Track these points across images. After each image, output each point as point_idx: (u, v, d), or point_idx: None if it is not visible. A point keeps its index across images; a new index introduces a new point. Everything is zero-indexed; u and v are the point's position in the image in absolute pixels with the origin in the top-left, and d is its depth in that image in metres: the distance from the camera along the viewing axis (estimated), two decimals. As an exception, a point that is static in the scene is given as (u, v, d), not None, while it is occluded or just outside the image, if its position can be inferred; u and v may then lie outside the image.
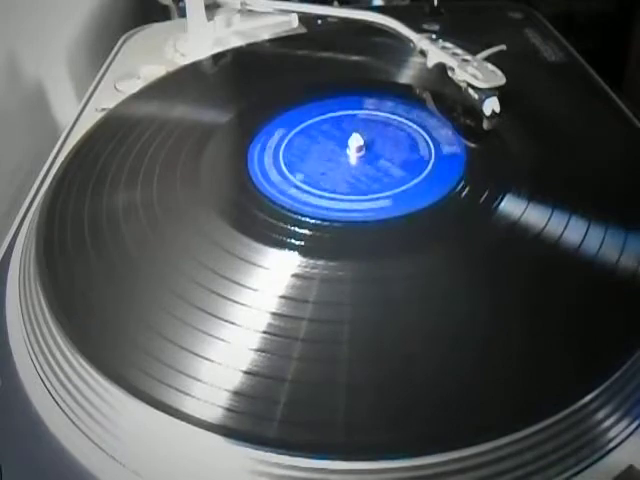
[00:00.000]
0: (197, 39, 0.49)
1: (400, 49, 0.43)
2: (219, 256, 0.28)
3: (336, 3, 0.59)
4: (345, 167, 0.34)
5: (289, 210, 0.31)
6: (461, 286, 0.27)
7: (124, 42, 0.52)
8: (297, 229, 0.30)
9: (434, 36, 0.41)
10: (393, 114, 0.37)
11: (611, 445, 0.23)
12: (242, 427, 0.22)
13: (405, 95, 0.39)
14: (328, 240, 0.29)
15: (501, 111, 0.36)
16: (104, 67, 0.49)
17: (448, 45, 0.40)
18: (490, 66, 0.38)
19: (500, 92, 0.36)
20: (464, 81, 0.38)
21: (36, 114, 0.49)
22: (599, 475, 0.22)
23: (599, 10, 0.64)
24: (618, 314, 0.26)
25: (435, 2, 0.53)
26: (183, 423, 0.23)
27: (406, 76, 0.42)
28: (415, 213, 0.30)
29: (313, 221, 0.30)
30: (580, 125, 0.37)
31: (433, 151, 0.34)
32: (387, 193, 0.32)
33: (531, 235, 0.29)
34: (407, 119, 0.37)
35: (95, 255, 0.29)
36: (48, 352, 0.26)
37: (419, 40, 0.41)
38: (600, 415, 0.23)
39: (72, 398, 0.25)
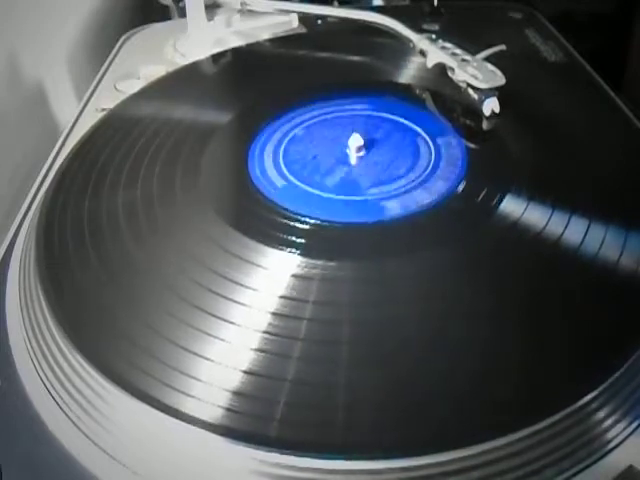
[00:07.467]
0: (197, 39, 0.49)
1: (400, 49, 0.43)
2: (219, 256, 0.28)
3: (336, 3, 0.59)
4: (345, 167, 0.34)
5: (289, 210, 0.31)
6: (461, 286, 0.27)
7: (124, 42, 0.52)
8: (297, 229, 0.30)
9: (434, 36, 0.41)
10: (393, 114, 0.37)
11: (611, 445, 0.23)
12: (242, 427, 0.22)
13: (405, 95, 0.39)
14: (328, 240, 0.29)
15: (501, 111, 0.36)
16: (104, 67, 0.49)
17: (448, 45, 0.40)
18: (490, 66, 0.38)
19: (500, 92, 0.36)
20: (464, 81, 0.38)
21: (36, 114, 0.49)
22: (599, 475, 0.22)
23: (599, 10, 0.64)
24: (618, 314, 0.26)
25: (435, 2, 0.53)
26: (183, 423, 0.22)
27: (406, 76, 0.42)
28: (415, 213, 0.30)
29: (313, 221, 0.30)
30: (580, 125, 0.37)
31: (433, 151, 0.34)
32: (387, 193, 0.32)
33: (531, 235, 0.29)
34: (407, 119, 0.37)
35: (95, 255, 0.29)
36: (48, 352, 0.26)
37: (419, 40, 0.41)
38: (600, 415, 0.23)
39: (72, 398, 0.25)
